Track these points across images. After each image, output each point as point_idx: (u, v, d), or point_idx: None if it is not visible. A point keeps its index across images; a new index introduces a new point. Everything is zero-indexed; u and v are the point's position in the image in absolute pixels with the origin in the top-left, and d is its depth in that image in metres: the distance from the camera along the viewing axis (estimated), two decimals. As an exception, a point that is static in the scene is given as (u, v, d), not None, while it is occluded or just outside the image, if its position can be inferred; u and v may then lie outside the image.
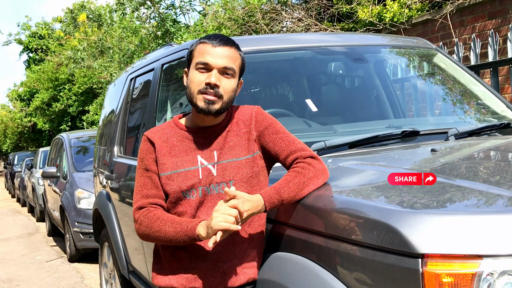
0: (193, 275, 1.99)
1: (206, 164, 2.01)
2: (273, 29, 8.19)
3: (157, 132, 2.11)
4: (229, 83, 2.00)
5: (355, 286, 1.64)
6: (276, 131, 2.07)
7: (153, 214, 2.00)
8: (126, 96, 4.31)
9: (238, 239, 1.99)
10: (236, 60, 2.03)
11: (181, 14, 9.80)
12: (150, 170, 2.06)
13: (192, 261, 1.99)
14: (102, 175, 4.54)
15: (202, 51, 2.01)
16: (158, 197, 2.05)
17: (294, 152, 2.04)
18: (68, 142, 8.92)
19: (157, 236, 1.97)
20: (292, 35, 4.64)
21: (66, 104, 18.31)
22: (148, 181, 2.06)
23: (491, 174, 1.98)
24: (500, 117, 3.11)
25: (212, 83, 1.96)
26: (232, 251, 1.99)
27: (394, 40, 3.75)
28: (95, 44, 10.07)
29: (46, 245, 9.44)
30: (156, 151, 2.06)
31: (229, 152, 2.03)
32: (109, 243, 4.27)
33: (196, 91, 1.98)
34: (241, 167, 2.01)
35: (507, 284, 1.42)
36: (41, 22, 25.71)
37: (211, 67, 1.98)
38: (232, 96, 2.03)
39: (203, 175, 2.00)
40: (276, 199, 1.91)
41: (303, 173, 1.96)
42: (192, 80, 2.01)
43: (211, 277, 1.98)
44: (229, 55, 2.01)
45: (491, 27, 5.79)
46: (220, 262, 1.98)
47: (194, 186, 2.00)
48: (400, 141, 2.63)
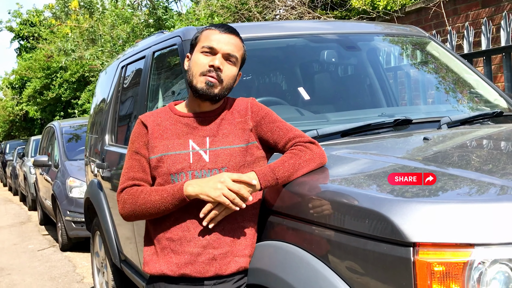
0: (184, 261, 1.97)
1: (198, 149, 2.02)
2: (266, 17, 8.15)
3: (151, 116, 2.14)
4: (231, 69, 2.05)
5: (347, 274, 1.63)
6: (273, 120, 2.10)
7: (136, 189, 2.03)
8: (117, 84, 4.28)
9: (230, 226, 1.98)
10: (240, 50, 2.09)
11: (172, 2, 9.72)
12: (139, 153, 2.08)
13: (182, 246, 1.98)
14: (94, 164, 4.52)
15: (209, 36, 2.05)
16: (144, 180, 2.07)
17: (292, 138, 2.06)
18: (59, 131, 8.87)
19: (144, 209, 1.99)
20: (285, 22, 4.61)
21: (58, 92, 18.19)
22: (136, 164, 2.08)
23: (483, 162, 1.97)
24: (492, 106, 3.11)
25: (216, 65, 2.00)
26: (224, 238, 1.98)
27: (387, 28, 3.73)
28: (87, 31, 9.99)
29: (38, 234, 9.42)
30: (149, 134, 2.08)
31: (222, 139, 2.04)
32: (100, 232, 4.26)
33: (198, 72, 2.02)
34: (234, 154, 2.01)
35: (498, 273, 1.41)
36: (33, 9, 25.49)
37: (216, 51, 2.02)
38: (231, 84, 2.07)
39: (193, 160, 2.01)
40: (271, 177, 1.93)
41: (299, 155, 1.99)
42: (195, 62, 2.04)
43: (201, 263, 1.96)
44: (234, 43, 2.06)
45: (485, 15, 5.78)
46: (209, 248, 1.97)
47: (184, 170, 2.00)
48: (393, 129, 2.62)
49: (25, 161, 13.30)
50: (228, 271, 1.98)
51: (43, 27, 19.69)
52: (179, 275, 1.99)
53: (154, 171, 2.05)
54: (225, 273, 1.98)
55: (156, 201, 1.96)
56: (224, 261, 1.97)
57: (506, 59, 4.62)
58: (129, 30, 9.61)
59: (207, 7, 8.62)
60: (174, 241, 2.00)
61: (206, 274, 1.97)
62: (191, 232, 1.98)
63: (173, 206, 1.95)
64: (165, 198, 1.95)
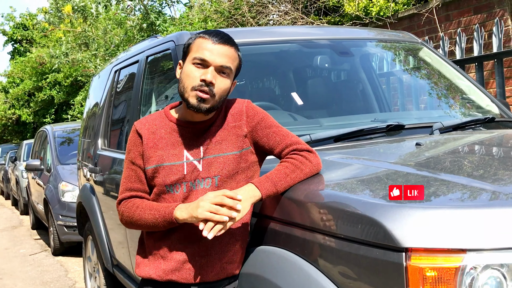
0: (171, 267, 1.98)
1: (192, 160, 1.98)
2: (260, 22, 8.17)
3: (146, 123, 2.08)
4: (224, 82, 1.96)
5: (339, 279, 1.63)
6: (269, 125, 2.04)
7: (133, 203, 2.03)
8: (110, 88, 4.27)
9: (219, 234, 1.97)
10: (235, 61, 1.99)
11: (166, 6, 9.72)
12: (135, 163, 2.06)
13: (171, 253, 1.98)
14: (86, 168, 4.51)
15: (201, 46, 1.95)
16: (142, 190, 2.06)
17: (289, 145, 2.02)
18: (52, 135, 8.84)
19: (139, 224, 2.00)
20: (278, 28, 4.63)
21: (50, 94, 18.10)
22: (133, 174, 2.06)
23: (475, 168, 1.98)
24: (484, 112, 3.12)
25: (207, 80, 1.91)
26: (212, 245, 1.96)
27: (380, 34, 3.75)
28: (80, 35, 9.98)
29: (30, 238, 9.36)
30: (143, 144, 2.04)
31: (215, 147, 1.99)
32: (93, 236, 4.24)
33: (190, 87, 1.93)
34: (227, 162, 1.98)
35: (490, 278, 1.42)
36: (26, 13, 25.42)
37: (209, 64, 1.93)
38: (224, 96, 1.99)
39: (188, 171, 1.97)
40: (272, 191, 1.90)
41: (300, 168, 1.95)
42: (187, 74, 1.95)
43: (188, 270, 1.97)
44: (228, 54, 1.95)
45: (477, 21, 5.81)
46: (197, 256, 1.96)
47: (179, 181, 1.98)
48: (385, 135, 2.62)
49: (17, 165, 13.24)
50: (215, 278, 1.98)
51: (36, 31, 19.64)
52: (166, 280, 1.99)
53: (151, 181, 2.03)
54: (212, 280, 1.98)
55: (148, 220, 1.96)
56: (211, 268, 1.97)
57: (498, 65, 4.65)
58: (122, 35, 9.60)
59: (200, 12, 8.63)
60: (163, 248, 2.00)
61: (193, 281, 1.97)
62: (180, 240, 1.98)
63: (164, 227, 1.95)
64: (157, 219, 1.93)
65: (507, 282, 1.42)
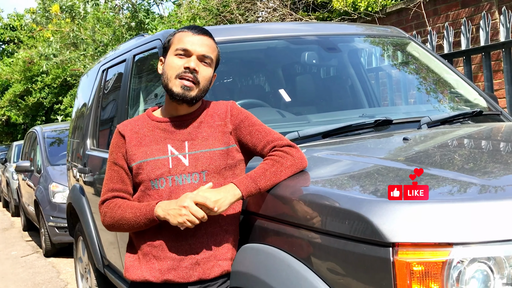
0: (166, 267, 1.97)
1: (177, 154, 2.01)
2: (248, 19, 8.15)
3: (128, 124, 2.13)
4: (207, 71, 2.03)
5: (328, 276, 1.63)
6: (252, 124, 2.08)
7: (114, 203, 2.04)
8: (98, 88, 4.25)
9: (212, 230, 1.98)
10: (214, 51, 2.07)
11: (154, 5, 9.68)
12: (117, 164, 2.08)
13: (164, 252, 1.97)
14: (76, 169, 4.48)
15: (182, 38, 2.04)
16: (124, 191, 2.08)
17: (271, 142, 2.04)
18: (41, 136, 8.80)
19: (121, 224, 2.01)
20: (265, 24, 4.61)
21: (40, 96, 18.02)
22: (115, 175, 2.08)
23: (462, 162, 1.99)
24: (472, 105, 3.13)
25: (191, 67, 1.99)
26: (206, 242, 1.97)
27: (368, 30, 3.75)
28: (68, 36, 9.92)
29: (21, 240, 9.32)
30: (126, 144, 2.07)
31: (202, 143, 2.02)
32: (83, 237, 4.22)
33: (173, 75, 2.00)
34: (214, 158, 2.00)
35: (477, 272, 1.42)
36: (13, 13, 25.27)
37: (191, 53, 2.01)
38: (207, 85, 2.06)
39: (173, 165, 1.99)
40: (253, 188, 1.91)
41: (280, 162, 1.96)
42: (169, 65, 2.02)
43: (184, 268, 1.96)
44: (208, 44, 2.04)
45: (464, 15, 5.83)
46: (193, 253, 1.96)
47: (163, 175, 1.99)
48: (374, 130, 2.62)
49: (8, 167, 13.16)
50: (212, 275, 1.97)
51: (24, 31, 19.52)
52: (162, 281, 1.98)
53: (136, 178, 2.05)
54: (208, 277, 1.97)
55: (130, 219, 1.98)
56: (207, 265, 1.96)
57: (485, 59, 4.66)
58: (111, 34, 9.55)
59: (189, 10, 8.60)
60: (156, 247, 1.99)
61: (190, 279, 1.96)
62: (173, 239, 1.97)
63: (145, 225, 1.97)
64: (138, 217, 1.96)
65: (494, 275, 1.42)
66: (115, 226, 2.05)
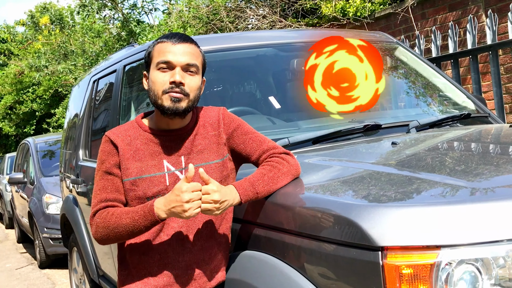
0: (163, 283, 1.94)
1: (174, 170, 1.95)
2: (238, 27, 8.19)
3: (119, 134, 2.00)
4: (194, 80, 1.93)
5: (320, 281, 1.65)
6: (246, 132, 2.04)
7: (107, 212, 1.91)
8: (89, 98, 4.26)
9: (207, 244, 1.97)
10: (198, 57, 1.97)
11: (144, 14, 9.71)
12: (111, 173, 1.97)
13: (160, 268, 1.94)
14: (69, 179, 4.48)
15: (162, 50, 1.93)
16: (118, 201, 1.96)
17: (266, 151, 2.02)
18: (34, 147, 8.78)
19: (117, 233, 1.88)
20: (254, 32, 4.64)
21: (31, 106, 18.00)
22: (109, 184, 1.96)
23: (449, 165, 2.01)
24: (461, 108, 3.16)
25: (177, 81, 1.88)
26: (202, 257, 1.96)
27: (357, 35, 3.77)
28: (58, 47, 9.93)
29: (16, 252, 9.28)
30: (120, 155, 1.96)
31: (197, 157, 1.97)
32: (78, 248, 4.22)
33: (160, 91, 1.90)
34: (210, 172, 1.95)
35: (465, 273, 1.44)
36: (3, 25, 25.21)
37: (174, 65, 1.90)
38: (198, 94, 1.96)
39: (170, 182, 1.94)
40: (251, 192, 1.87)
41: (277, 167, 1.95)
42: (154, 81, 1.92)
43: (181, 284, 1.94)
44: (190, 52, 1.94)
45: (452, 19, 5.88)
46: (189, 269, 1.94)
47: (160, 193, 1.92)
48: (363, 135, 2.65)
49: (1, 179, 13.11)
50: (208, 287, 1.98)
51: (14, 43, 19.50)
52: None
53: (127, 194, 1.95)
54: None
55: (127, 224, 1.85)
56: (204, 279, 1.96)
57: (473, 62, 4.70)
58: (101, 44, 9.57)
59: (179, 19, 8.63)
60: (151, 264, 1.94)
61: None
62: (169, 255, 1.94)
63: (146, 228, 1.85)
64: (137, 220, 1.83)
65: (482, 276, 1.45)
66: (110, 236, 1.89)
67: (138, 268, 1.97)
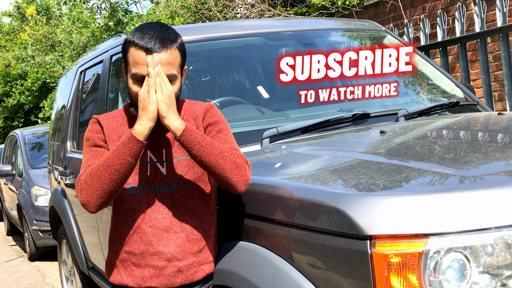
0: (148, 274, 1.94)
1: (155, 161, 1.94)
2: (227, 16, 8.14)
3: (106, 119, 2.00)
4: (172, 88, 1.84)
5: (308, 270, 1.65)
6: (220, 130, 1.97)
7: (90, 168, 1.84)
8: (76, 89, 4.22)
9: (194, 237, 1.95)
10: (176, 61, 1.87)
11: (132, 3, 9.63)
12: (99, 145, 1.94)
13: (145, 260, 1.94)
14: (57, 171, 4.45)
15: (136, 60, 1.83)
16: None
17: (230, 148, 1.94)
18: (22, 139, 8.72)
19: (104, 182, 1.79)
20: (242, 21, 4.61)
21: (19, 99, 17.85)
22: (98, 154, 1.92)
23: (438, 153, 2.01)
24: (449, 96, 3.16)
25: None
26: (189, 249, 1.95)
27: (345, 24, 3.77)
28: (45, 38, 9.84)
29: (5, 245, 9.24)
30: (105, 135, 1.95)
31: (178, 150, 1.95)
32: (67, 240, 4.20)
33: (137, 101, 1.85)
34: (191, 165, 1.94)
35: (453, 261, 1.45)
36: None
37: None
38: (177, 94, 1.90)
39: (151, 172, 1.93)
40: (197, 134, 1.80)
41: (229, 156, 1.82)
42: (130, 90, 1.88)
43: (167, 276, 1.94)
44: (166, 61, 1.83)
45: (441, 6, 5.88)
46: (175, 261, 1.93)
47: (141, 182, 1.93)
48: (352, 124, 2.64)
49: (-11, 172, 13.01)
50: (195, 280, 1.97)
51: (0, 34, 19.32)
52: (145, 287, 1.96)
53: None
54: (191, 282, 1.97)
55: (109, 161, 1.78)
56: (190, 271, 1.95)
57: (461, 50, 4.71)
58: (89, 34, 9.49)
59: (167, 8, 8.57)
60: (135, 255, 1.94)
61: (173, 285, 1.95)
62: (154, 246, 1.92)
63: (131, 156, 1.78)
64: (119, 152, 1.77)
65: (470, 264, 1.45)
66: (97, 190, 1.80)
67: (120, 258, 1.98)
